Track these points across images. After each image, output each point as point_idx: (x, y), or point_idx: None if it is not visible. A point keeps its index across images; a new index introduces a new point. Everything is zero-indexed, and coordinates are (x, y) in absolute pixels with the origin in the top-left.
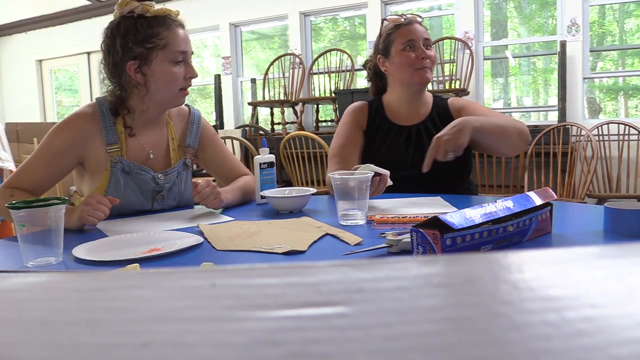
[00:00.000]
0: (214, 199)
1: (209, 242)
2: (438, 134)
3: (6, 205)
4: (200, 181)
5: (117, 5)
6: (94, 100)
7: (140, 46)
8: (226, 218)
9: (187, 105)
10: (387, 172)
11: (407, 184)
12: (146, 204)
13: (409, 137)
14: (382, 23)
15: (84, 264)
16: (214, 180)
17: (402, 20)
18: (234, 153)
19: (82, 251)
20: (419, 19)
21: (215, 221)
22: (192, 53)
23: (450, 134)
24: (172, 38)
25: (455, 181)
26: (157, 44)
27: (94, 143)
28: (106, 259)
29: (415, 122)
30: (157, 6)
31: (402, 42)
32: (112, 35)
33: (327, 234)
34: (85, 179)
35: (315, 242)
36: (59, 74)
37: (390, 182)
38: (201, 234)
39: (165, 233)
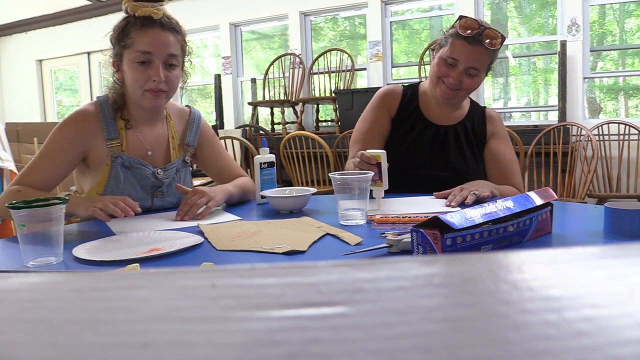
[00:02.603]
0: (206, 201)
1: (209, 242)
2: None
3: (6, 205)
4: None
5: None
6: (95, 99)
7: (117, 44)
8: (229, 216)
9: (187, 105)
10: (385, 183)
11: (420, 182)
12: (146, 200)
13: (436, 137)
14: (459, 18)
15: (84, 263)
16: (211, 182)
17: (469, 32)
18: (234, 153)
19: (82, 251)
20: (491, 38)
21: (217, 220)
22: (173, 55)
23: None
24: (138, 38)
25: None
26: (125, 43)
27: (96, 140)
28: (106, 259)
29: (446, 124)
30: (166, 7)
31: (446, 52)
32: (110, 31)
33: (327, 234)
34: (86, 175)
35: (315, 242)
36: (59, 74)
37: (385, 187)
38: (201, 234)
39: (165, 233)
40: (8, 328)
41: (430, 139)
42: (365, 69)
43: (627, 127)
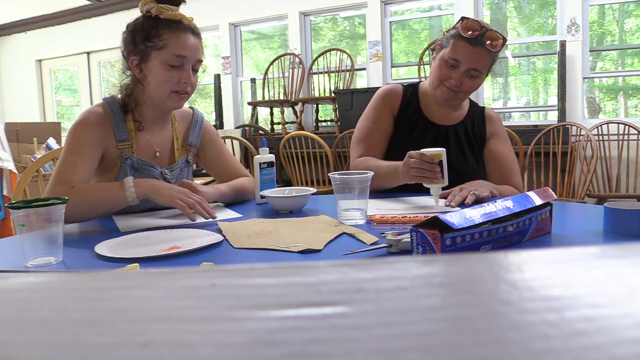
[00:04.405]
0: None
1: (226, 240)
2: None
3: (6, 205)
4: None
5: (140, 3)
6: (102, 101)
7: (143, 43)
8: (230, 212)
9: (191, 107)
10: (446, 179)
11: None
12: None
13: (437, 136)
14: (461, 19)
15: (85, 263)
16: (212, 181)
17: (471, 33)
18: (233, 153)
19: (104, 248)
20: (493, 40)
21: (225, 216)
22: (201, 61)
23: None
24: (172, 41)
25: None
26: (156, 44)
27: (108, 140)
28: (127, 256)
29: (446, 124)
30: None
31: (448, 54)
32: (126, 30)
33: (344, 233)
34: (94, 175)
35: (331, 241)
36: (59, 74)
37: (446, 183)
38: (219, 231)
39: (185, 231)
40: (8, 328)
41: (432, 139)
42: (364, 69)
43: (627, 127)
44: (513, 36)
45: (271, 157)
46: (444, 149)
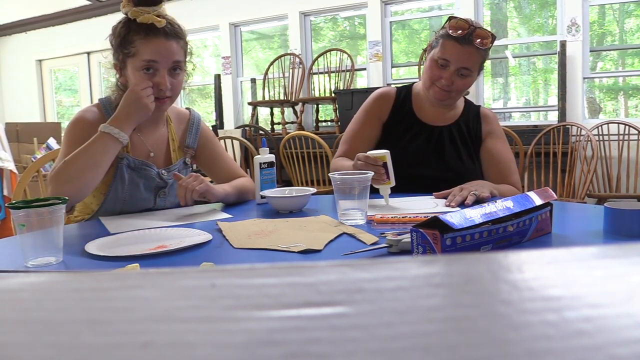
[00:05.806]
0: (199, 184)
1: (226, 240)
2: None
3: (6, 205)
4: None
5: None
6: (97, 101)
7: (120, 51)
8: (225, 215)
9: (188, 108)
10: (392, 180)
11: (417, 183)
12: (149, 200)
13: (430, 137)
14: (449, 19)
15: (85, 262)
16: (210, 182)
17: (460, 32)
18: (233, 153)
19: (93, 247)
20: (482, 38)
21: (216, 218)
22: (178, 62)
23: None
24: (142, 47)
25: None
26: (129, 51)
27: None
28: (113, 255)
29: (440, 124)
30: (171, 12)
31: (437, 53)
32: (111, 33)
33: (344, 233)
34: None
35: (331, 241)
36: (59, 74)
37: (393, 183)
38: (219, 231)
39: (176, 230)
40: (8, 328)
41: (425, 140)
42: (365, 69)
43: (627, 127)
44: (513, 36)
45: (271, 157)
46: (388, 151)
